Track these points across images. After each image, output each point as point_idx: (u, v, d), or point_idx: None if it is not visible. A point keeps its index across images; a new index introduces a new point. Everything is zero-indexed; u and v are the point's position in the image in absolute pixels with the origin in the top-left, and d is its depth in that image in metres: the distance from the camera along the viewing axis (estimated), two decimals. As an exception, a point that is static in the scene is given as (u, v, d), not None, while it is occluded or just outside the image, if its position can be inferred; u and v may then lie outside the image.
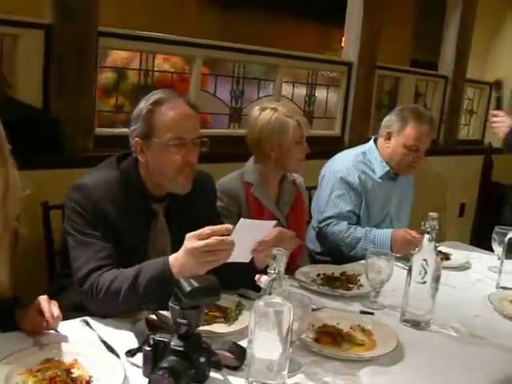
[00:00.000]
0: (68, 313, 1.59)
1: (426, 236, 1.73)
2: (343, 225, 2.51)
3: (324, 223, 2.55)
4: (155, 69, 3.09)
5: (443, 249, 2.54)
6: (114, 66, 2.99)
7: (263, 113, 2.20)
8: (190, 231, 1.54)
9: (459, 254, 2.52)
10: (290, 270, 2.08)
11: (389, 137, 2.64)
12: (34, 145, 2.46)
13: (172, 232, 1.82)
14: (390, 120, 2.65)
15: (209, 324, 1.61)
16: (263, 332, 1.28)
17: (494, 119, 3.01)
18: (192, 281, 1.29)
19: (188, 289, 1.27)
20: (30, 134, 2.45)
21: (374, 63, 3.88)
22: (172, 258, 1.54)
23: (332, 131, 3.94)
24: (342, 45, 3.97)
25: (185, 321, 1.29)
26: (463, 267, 2.39)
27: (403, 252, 2.37)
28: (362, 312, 1.83)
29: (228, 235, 1.49)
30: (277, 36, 4.77)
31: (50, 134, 2.54)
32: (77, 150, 2.67)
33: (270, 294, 1.28)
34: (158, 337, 1.34)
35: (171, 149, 1.69)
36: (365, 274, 1.92)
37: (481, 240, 2.62)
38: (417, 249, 1.78)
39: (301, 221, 2.40)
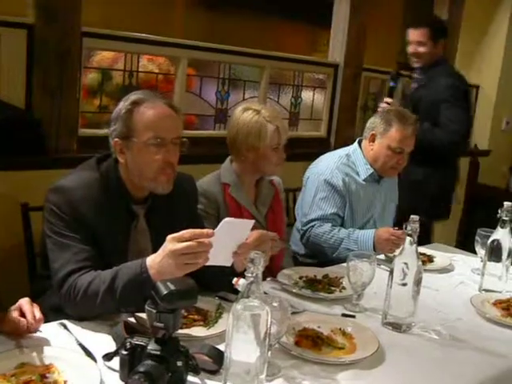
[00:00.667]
0: (49, 315, 1.58)
1: (408, 239, 1.73)
2: (327, 226, 2.50)
3: (308, 225, 2.54)
4: (140, 69, 3.08)
5: (427, 251, 2.54)
6: (99, 66, 2.97)
7: (245, 113, 2.19)
8: (170, 233, 1.52)
9: (443, 256, 2.52)
10: (272, 271, 2.08)
11: (373, 139, 2.63)
12: (16, 145, 2.45)
13: (153, 233, 1.80)
14: (374, 122, 2.64)
15: (188, 327, 1.60)
16: (241, 335, 1.27)
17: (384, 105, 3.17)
18: (169, 284, 1.28)
19: (164, 292, 1.26)
20: (11, 134, 2.43)
21: (360, 65, 3.89)
22: (149, 259, 1.52)
23: (318, 133, 3.94)
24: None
25: (161, 324, 1.28)
26: (446, 270, 2.39)
27: (387, 250, 2.37)
28: (344, 315, 1.82)
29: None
30: (265, 37, 4.77)
31: (32, 135, 2.51)
32: (60, 150, 2.65)
33: (247, 297, 1.26)
34: (135, 340, 1.32)
35: (151, 148, 1.67)
36: (347, 276, 1.91)
37: (467, 242, 2.63)
38: (398, 251, 1.78)
39: (279, 220, 2.39)
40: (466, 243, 2.95)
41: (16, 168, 2.46)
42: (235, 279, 1.41)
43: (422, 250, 2.54)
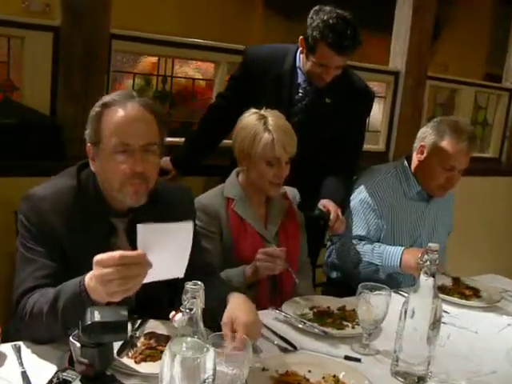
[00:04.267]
0: (14, 334, 1.45)
1: (423, 271, 1.43)
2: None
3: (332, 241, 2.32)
4: (178, 74, 2.95)
5: (475, 283, 2.19)
6: (127, 70, 2.86)
7: (251, 116, 1.95)
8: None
9: (493, 290, 2.14)
10: (281, 300, 1.84)
11: (422, 151, 2.32)
12: (34, 151, 2.37)
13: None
14: (425, 132, 2.33)
15: (153, 360, 1.39)
16: (177, 381, 1.05)
17: None
18: (96, 313, 1.08)
19: (87, 322, 1.06)
20: (30, 140, 2.35)
21: (424, 73, 3.54)
22: (88, 278, 1.30)
23: (376, 146, 3.62)
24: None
25: (85, 360, 1.08)
26: (494, 308, 2.02)
27: (414, 272, 2.06)
28: (347, 357, 1.53)
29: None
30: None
31: (52, 141, 2.42)
32: (84, 156, 2.54)
33: (184, 335, 1.04)
34: (64, 375, 1.14)
35: (117, 157, 1.48)
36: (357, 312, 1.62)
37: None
38: (413, 287, 1.48)
39: (293, 240, 2.06)
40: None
41: (34, 174, 2.37)
42: (172, 313, 1.18)
43: (469, 281, 2.20)
